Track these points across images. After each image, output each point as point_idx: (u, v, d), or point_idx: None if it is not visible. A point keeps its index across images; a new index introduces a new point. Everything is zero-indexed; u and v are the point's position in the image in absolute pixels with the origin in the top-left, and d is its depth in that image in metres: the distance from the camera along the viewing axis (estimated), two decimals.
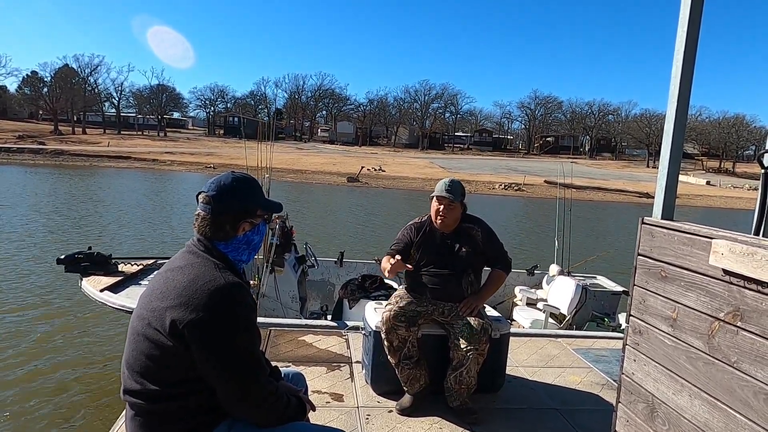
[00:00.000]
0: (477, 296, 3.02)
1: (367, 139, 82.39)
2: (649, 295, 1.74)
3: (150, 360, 1.39)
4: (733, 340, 1.39)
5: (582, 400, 3.36)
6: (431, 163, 53.01)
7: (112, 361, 5.68)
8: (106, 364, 5.65)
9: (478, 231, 3.05)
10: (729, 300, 1.41)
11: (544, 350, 4.21)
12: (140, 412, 1.42)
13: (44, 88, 71.54)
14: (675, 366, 1.60)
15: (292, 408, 1.57)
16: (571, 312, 5.63)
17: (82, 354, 5.87)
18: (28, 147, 44.48)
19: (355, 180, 38.27)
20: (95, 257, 5.10)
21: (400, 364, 2.95)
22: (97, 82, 74.40)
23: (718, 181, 56.16)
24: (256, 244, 1.61)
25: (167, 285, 1.42)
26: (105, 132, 67.66)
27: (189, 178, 33.39)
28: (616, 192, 40.96)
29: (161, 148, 50.70)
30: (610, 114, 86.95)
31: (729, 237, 1.43)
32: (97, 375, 5.41)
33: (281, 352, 3.77)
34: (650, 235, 1.76)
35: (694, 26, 1.70)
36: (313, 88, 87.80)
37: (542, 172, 44.50)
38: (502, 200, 33.08)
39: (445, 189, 2.96)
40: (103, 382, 5.24)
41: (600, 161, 75.26)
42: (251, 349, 1.44)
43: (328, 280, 6.72)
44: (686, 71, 1.71)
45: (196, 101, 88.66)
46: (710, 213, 33.51)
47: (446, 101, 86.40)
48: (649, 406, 1.71)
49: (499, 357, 3.21)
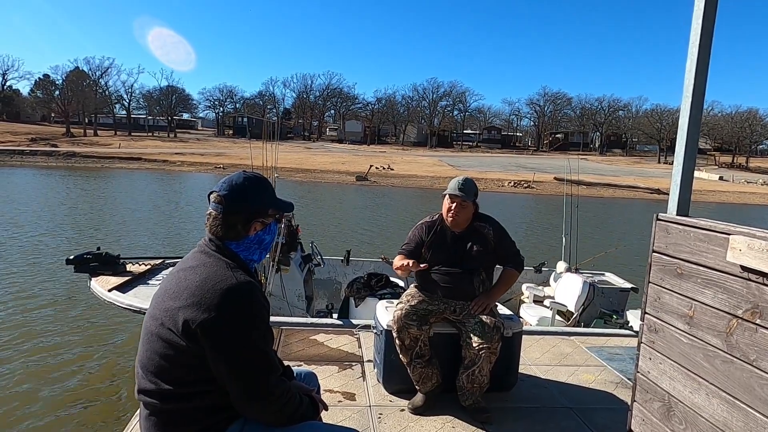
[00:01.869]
0: (489, 295, 3.00)
1: (375, 137, 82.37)
2: (665, 293, 1.72)
3: (164, 360, 1.39)
4: (752, 337, 1.37)
5: (596, 398, 3.33)
6: (440, 161, 52.87)
7: (122, 360, 5.73)
8: (117, 364, 5.70)
9: (489, 229, 3.03)
10: (747, 297, 1.39)
11: (557, 348, 4.18)
12: (154, 411, 1.43)
13: (56, 91, 72.33)
14: (692, 364, 1.57)
15: (305, 407, 1.57)
16: (579, 309, 5.59)
17: (92, 353, 5.92)
18: (41, 149, 45.02)
19: (364, 179, 38.28)
20: (104, 257, 5.15)
21: (412, 363, 2.94)
22: (107, 84, 75.14)
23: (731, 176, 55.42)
24: (268, 243, 1.62)
25: (180, 285, 1.43)
26: (116, 134, 68.22)
27: (199, 179, 33.61)
28: (627, 188, 40.58)
29: (171, 149, 51.06)
30: (620, 110, 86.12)
31: (747, 233, 1.40)
32: (107, 374, 5.47)
33: (293, 351, 3.78)
34: (665, 232, 1.74)
35: (709, 20, 1.67)
36: (321, 88, 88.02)
37: (552, 169, 44.19)
38: (511, 198, 32.91)
39: (458, 188, 2.95)
40: (115, 381, 5.29)
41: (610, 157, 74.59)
42: (264, 348, 1.44)
43: (335, 278, 6.74)
44: (701, 66, 1.68)
45: (206, 102, 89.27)
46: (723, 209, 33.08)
47: (455, 99, 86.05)
48: (666, 405, 1.68)
49: (512, 355, 3.19)
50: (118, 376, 5.42)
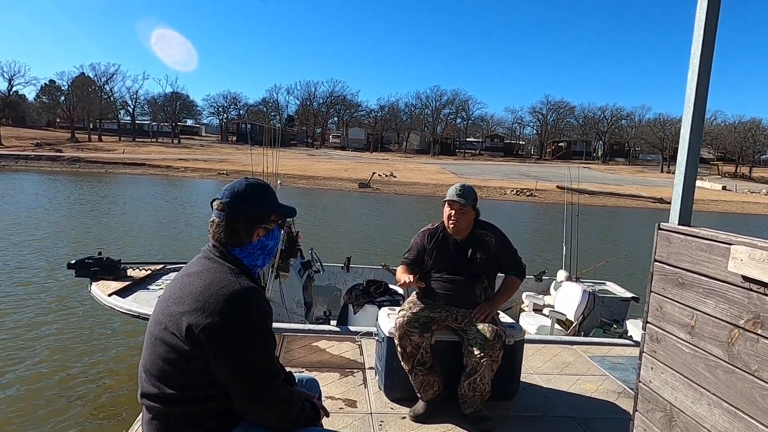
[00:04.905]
0: (490, 302, 3.00)
1: (378, 145, 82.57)
2: (667, 302, 1.72)
3: (167, 364, 1.40)
4: (754, 348, 1.37)
5: (598, 408, 3.32)
6: (442, 169, 52.96)
7: (122, 365, 5.73)
8: (117, 368, 5.70)
9: (491, 237, 3.04)
10: (749, 307, 1.39)
11: (559, 357, 4.16)
12: (157, 415, 1.44)
13: (61, 97, 72.93)
14: (694, 374, 1.57)
15: (306, 413, 1.58)
16: (578, 318, 5.57)
17: (93, 357, 5.92)
18: (46, 154, 45.27)
19: (367, 186, 38.34)
20: (104, 262, 5.16)
21: (414, 371, 2.94)
22: (112, 90, 75.75)
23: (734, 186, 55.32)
24: (271, 249, 1.63)
25: (184, 290, 1.44)
26: (120, 139, 68.64)
27: (202, 185, 33.72)
28: (629, 197, 40.53)
29: (175, 155, 51.30)
30: (623, 119, 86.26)
31: (748, 243, 1.41)
32: (108, 378, 5.46)
33: (295, 357, 3.77)
34: (667, 241, 1.74)
35: (711, 30, 1.68)
36: (324, 95, 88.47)
37: (554, 177, 44.18)
38: (513, 206, 32.91)
39: (456, 193, 2.96)
40: (115, 385, 5.28)
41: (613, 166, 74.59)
42: (266, 353, 1.45)
43: (335, 285, 6.73)
44: (703, 75, 1.69)
45: (210, 108, 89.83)
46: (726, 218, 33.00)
47: (457, 107, 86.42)
48: (667, 415, 1.68)
49: (514, 364, 3.18)
50: (118, 380, 5.42)
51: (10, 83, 71.77)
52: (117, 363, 5.85)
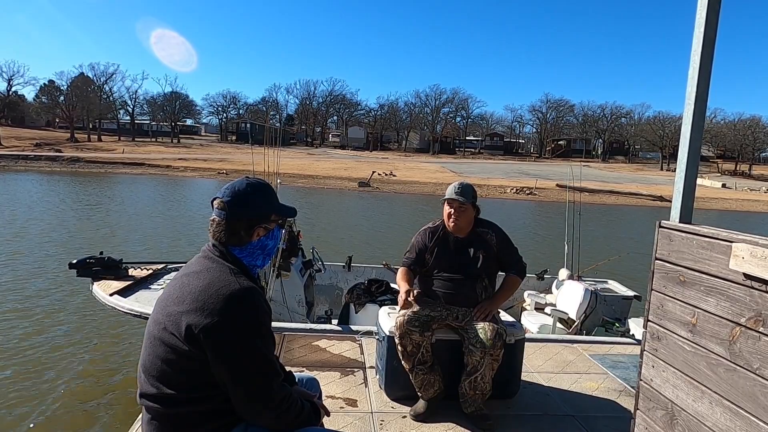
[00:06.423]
0: (491, 301, 3.00)
1: (378, 144, 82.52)
2: (668, 300, 1.72)
3: (166, 364, 1.40)
4: (755, 345, 1.36)
5: (599, 406, 3.31)
6: (442, 168, 52.90)
7: (123, 365, 5.73)
8: (118, 368, 5.70)
9: (492, 235, 3.04)
10: (750, 305, 1.39)
11: (560, 356, 4.16)
12: (156, 415, 1.43)
13: (61, 97, 72.75)
14: (695, 372, 1.57)
15: (306, 413, 1.57)
16: (580, 317, 5.57)
17: (94, 357, 5.93)
18: (45, 154, 45.23)
19: (366, 185, 38.32)
20: (106, 262, 5.16)
21: (414, 370, 2.94)
22: (112, 90, 75.58)
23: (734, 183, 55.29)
24: (271, 248, 1.62)
25: (183, 290, 1.43)
26: (120, 139, 68.55)
27: (202, 184, 33.69)
28: (629, 195, 40.51)
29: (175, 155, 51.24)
30: (623, 117, 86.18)
31: (750, 240, 1.40)
32: (108, 378, 5.46)
33: (295, 356, 3.77)
34: (668, 239, 1.74)
35: (711, 28, 1.68)
36: (324, 94, 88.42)
37: (554, 175, 44.17)
38: (513, 204, 32.89)
39: (455, 191, 2.96)
40: (116, 385, 5.28)
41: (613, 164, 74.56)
42: (265, 353, 1.44)
43: (337, 284, 6.74)
44: (703, 73, 1.69)
45: (209, 108, 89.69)
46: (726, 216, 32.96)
47: (457, 105, 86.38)
48: (669, 414, 1.68)
49: (514, 362, 3.18)
50: (119, 380, 5.42)
51: (10, 83, 71.97)
52: (118, 363, 5.85)
